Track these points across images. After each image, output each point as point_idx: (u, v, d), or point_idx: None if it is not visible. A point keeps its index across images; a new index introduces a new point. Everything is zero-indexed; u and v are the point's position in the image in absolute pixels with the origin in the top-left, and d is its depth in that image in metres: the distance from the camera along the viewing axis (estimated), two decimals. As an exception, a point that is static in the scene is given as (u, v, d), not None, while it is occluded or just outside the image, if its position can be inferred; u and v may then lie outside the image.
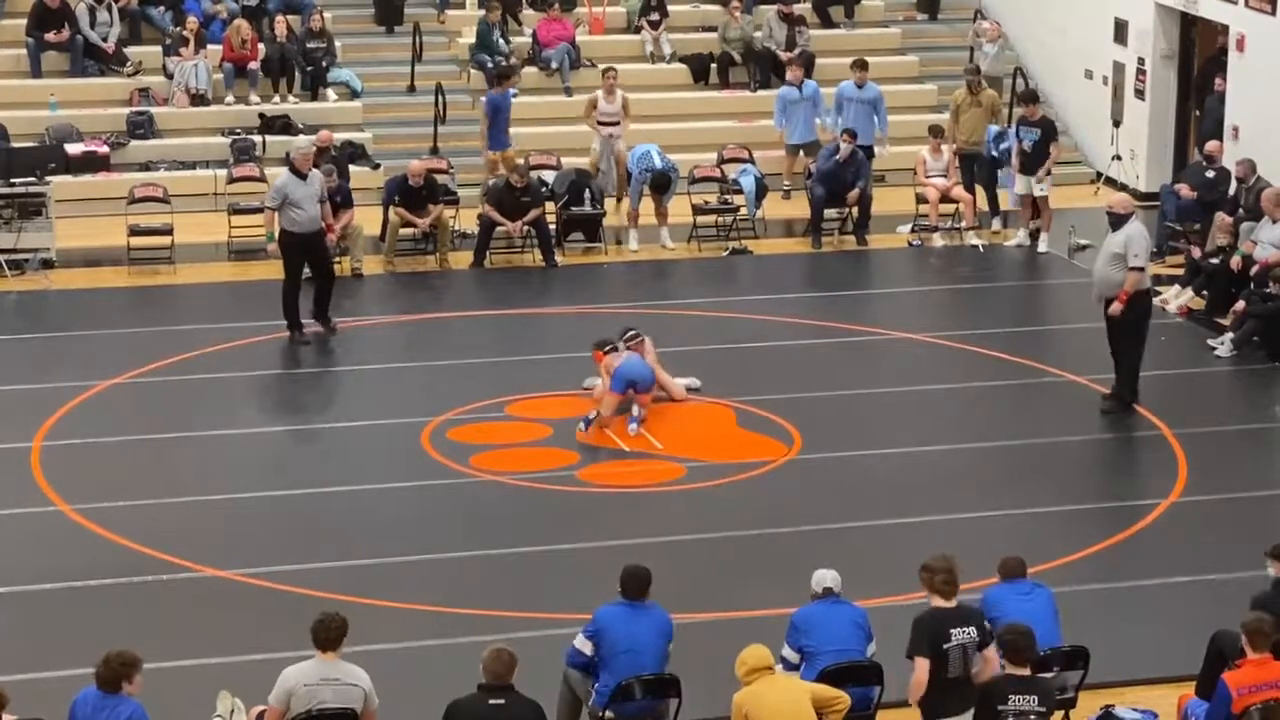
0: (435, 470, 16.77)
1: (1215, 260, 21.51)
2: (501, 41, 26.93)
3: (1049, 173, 23.61)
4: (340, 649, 10.99)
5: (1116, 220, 17.96)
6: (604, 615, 11.72)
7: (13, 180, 22.27)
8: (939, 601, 11.49)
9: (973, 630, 11.44)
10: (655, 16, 28.22)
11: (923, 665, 11.33)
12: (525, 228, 22.78)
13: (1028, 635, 11.09)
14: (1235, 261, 21.00)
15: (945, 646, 11.34)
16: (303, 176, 19.87)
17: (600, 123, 24.65)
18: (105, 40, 26.36)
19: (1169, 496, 16.35)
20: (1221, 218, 22.14)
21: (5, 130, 24.57)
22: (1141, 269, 17.78)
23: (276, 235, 19.95)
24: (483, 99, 25.28)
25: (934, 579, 11.53)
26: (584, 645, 11.71)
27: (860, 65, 25.27)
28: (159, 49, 26.57)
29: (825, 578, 12.10)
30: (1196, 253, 21.90)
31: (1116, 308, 17.83)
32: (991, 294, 22.56)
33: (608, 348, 18.23)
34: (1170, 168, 25.70)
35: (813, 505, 16.01)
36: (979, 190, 24.64)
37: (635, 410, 17.67)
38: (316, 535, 15.48)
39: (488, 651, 10.74)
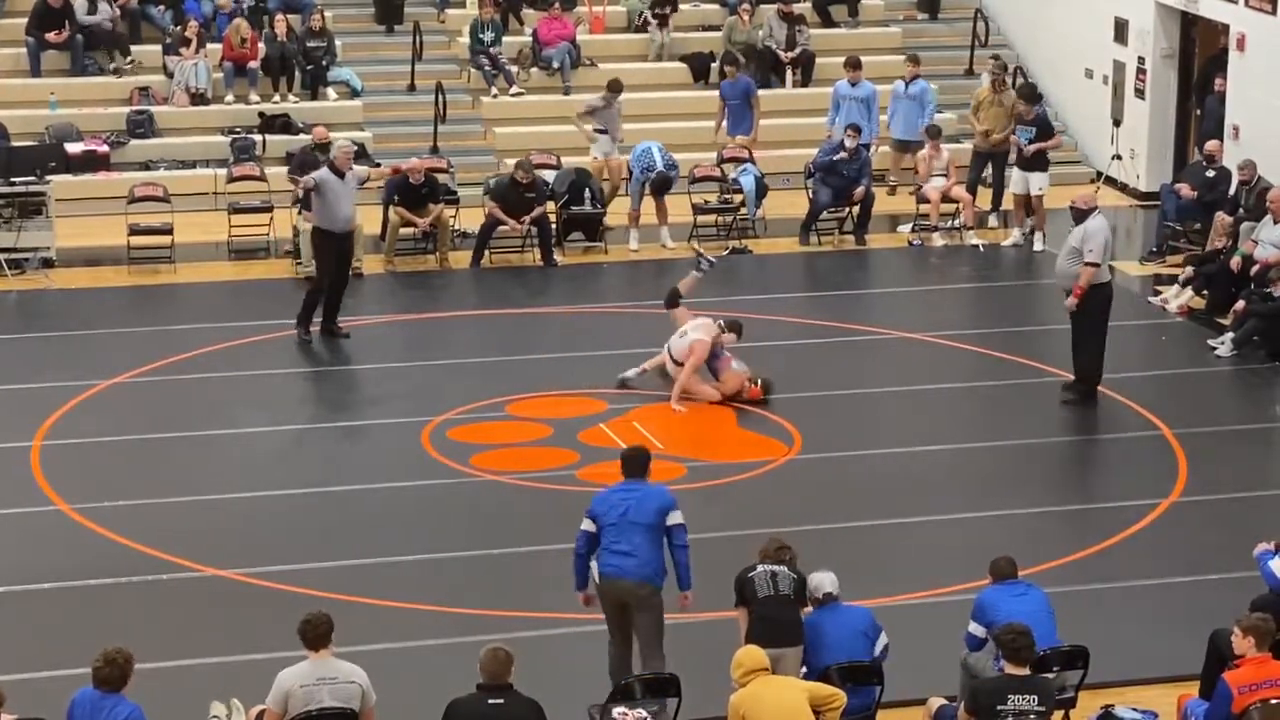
0: (435, 470, 16.77)
1: (1207, 258, 21.52)
2: (491, 38, 26.88)
3: (1046, 162, 23.81)
4: (330, 646, 10.97)
5: (1078, 215, 18.19)
6: (598, 497, 12.53)
7: (13, 179, 22.25)
8: None
9: (782, 568, 12.16)
10: (666, 10, 28.08)
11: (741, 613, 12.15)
12: (527, 225, 22.78)
13: (1026, 635, 11.08)
14: (1235, 261, 21.00)
15: (750, 575, 12.14)
16: (341, 175, 19.84)
17: (599, 130, 24.39)
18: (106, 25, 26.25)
19: (1169, 496, 16.35)
20: (1221, 218, 22.13)
21: (5, 129, 24.55)
22: (1095, 264, 17.90)
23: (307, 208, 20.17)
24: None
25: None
26: (587, 525, 12.34)
27: (853, 64, 25.29)
28: (159, 48, 26.55)
29: (824, 582, 12.14)
30: (1188, 271, 21.77)
31: (1071, 302, 18.06)
32: (991, 294, 22.57)
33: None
34: (1170, 167, 25.70)
35: (813, 505, 16.00)
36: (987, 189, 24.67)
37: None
38: (316, 535, 15.48)
39: (484, 651, 10.75)
